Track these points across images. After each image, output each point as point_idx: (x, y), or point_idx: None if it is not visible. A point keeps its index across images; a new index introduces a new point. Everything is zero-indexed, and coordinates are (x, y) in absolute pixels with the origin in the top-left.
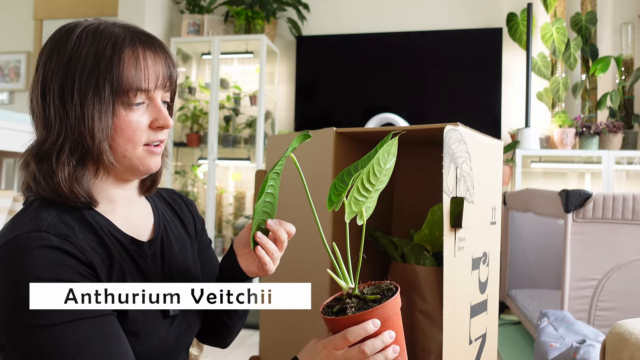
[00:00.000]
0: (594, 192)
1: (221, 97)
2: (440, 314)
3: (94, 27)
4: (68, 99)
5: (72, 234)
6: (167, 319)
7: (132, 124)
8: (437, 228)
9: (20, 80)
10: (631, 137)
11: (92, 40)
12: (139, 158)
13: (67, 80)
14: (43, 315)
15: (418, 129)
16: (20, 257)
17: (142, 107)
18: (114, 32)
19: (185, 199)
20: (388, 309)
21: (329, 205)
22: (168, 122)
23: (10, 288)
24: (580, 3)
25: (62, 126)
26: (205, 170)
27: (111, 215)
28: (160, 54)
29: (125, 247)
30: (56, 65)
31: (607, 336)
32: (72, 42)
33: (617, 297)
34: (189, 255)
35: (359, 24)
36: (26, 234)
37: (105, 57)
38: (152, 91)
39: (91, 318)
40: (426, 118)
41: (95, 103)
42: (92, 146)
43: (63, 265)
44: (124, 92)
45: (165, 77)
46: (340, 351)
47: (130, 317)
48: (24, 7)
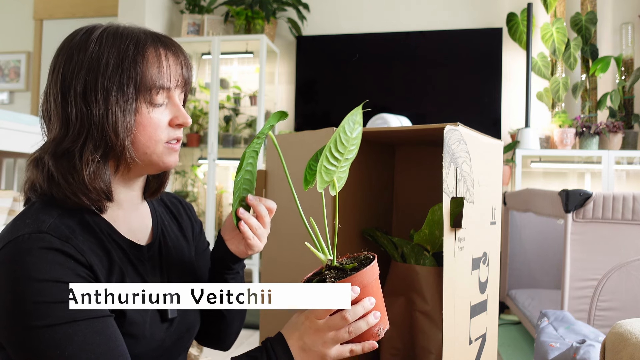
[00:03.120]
0: (594, 192)
1: (221, 97)
2: (440, 314)
3: (113, 29)
4: (92, 97)
5: (73, 235)
6: (165, 322)
7: (154, 121)
8: (437, 228)
9: (20, 80)
10: (631, 137)
11: (114, 40)
12: (159, 155)
13: (90, 78)
14: (42, 315)
15: (418, 129)
16: (21, 258)
17: (163, 106)
18: (134, 32)
19: (184, 203)
20: (366, 276)
21: (305, 184)
22: (187, 120)
23: (11, 288)
24: (580, 3)
25: (85, 124)
26: (205, 170)
27: (111, 219)
28: (179, 56)
29: (124, 251)
30: (77, 65)
31: (607, 336)
32: (93, 42)
33: (617, 297)
34: (186, 259)
35: (359, 24)
36: (27, 235)
37: (129, 55)
38: (172, 90)
39: (90, 319)
40: (426, 118)
41: (119, 100)
42: (115, 142)
43: (63, 267)
44: (146, 90)
45: (184, 78)
46: (322, 320)
47: (128, 319)
48: (24, 7)
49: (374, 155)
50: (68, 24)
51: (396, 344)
